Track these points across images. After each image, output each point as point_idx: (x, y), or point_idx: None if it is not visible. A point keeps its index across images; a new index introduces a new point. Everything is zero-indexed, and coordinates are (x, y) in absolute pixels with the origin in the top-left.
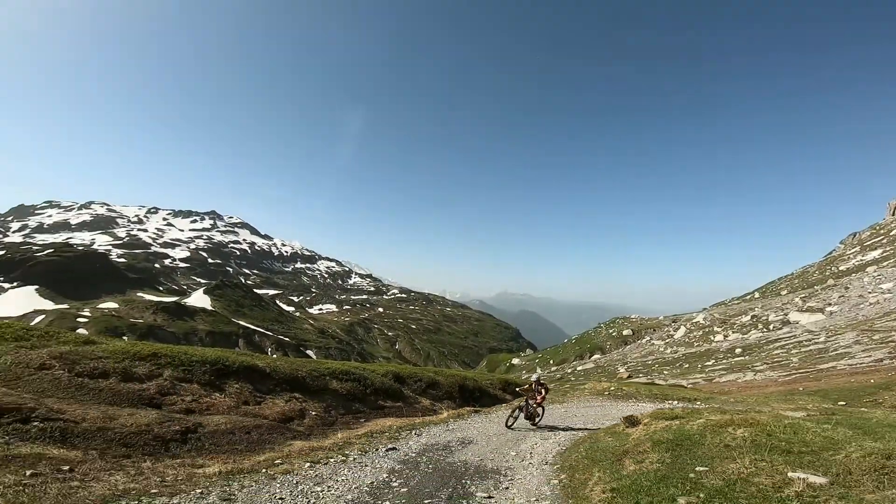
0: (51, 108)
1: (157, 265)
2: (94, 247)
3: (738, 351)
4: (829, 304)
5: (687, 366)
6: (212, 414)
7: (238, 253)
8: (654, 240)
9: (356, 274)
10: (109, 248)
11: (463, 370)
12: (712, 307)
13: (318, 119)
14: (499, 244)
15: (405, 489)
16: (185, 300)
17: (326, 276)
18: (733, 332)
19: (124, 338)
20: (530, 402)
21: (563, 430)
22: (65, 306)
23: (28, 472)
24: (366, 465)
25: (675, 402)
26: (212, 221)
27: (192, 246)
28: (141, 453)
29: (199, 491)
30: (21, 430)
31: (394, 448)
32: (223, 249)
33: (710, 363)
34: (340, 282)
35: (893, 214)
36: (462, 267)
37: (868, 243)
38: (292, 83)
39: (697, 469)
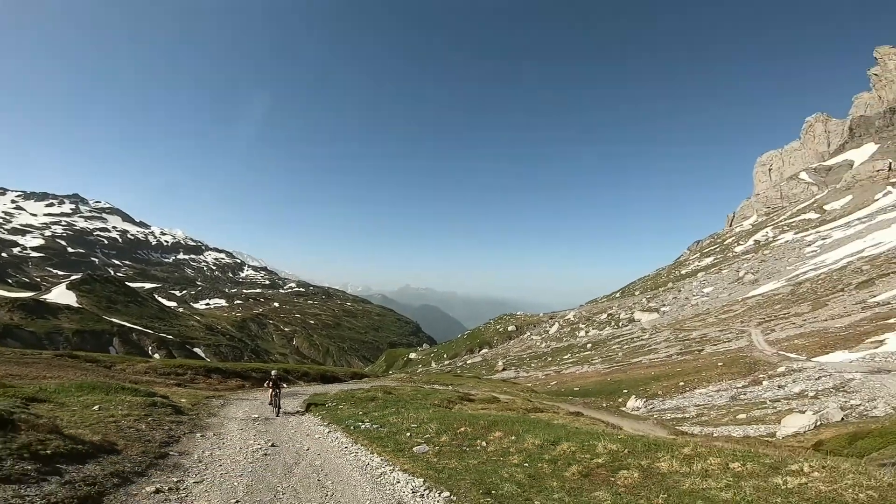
0: None
1: (3, 254)
2: None
3: (588, 346)
4: (664, 305)
5: (550, 359)
6: (214, 387)
7: (106, 241)
8: (559, 237)
9: (249, 266)
10: None
11: (358, 366)
12: (585, 305)
13: (210, 102)
14: (407, 237)
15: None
16: (45, 296)
17: (214, 268)
18: (593, 329)
19: None
20: (272, 393)
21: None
22: None
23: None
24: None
25: (445, 386)
26: (73, 206)
27: (48, 233)
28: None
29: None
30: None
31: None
32: (87, 237)
33: (566, 357)
34: (231, 274)
35: (730, 225)
36: (366, 261)
37: (706, 250)
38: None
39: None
